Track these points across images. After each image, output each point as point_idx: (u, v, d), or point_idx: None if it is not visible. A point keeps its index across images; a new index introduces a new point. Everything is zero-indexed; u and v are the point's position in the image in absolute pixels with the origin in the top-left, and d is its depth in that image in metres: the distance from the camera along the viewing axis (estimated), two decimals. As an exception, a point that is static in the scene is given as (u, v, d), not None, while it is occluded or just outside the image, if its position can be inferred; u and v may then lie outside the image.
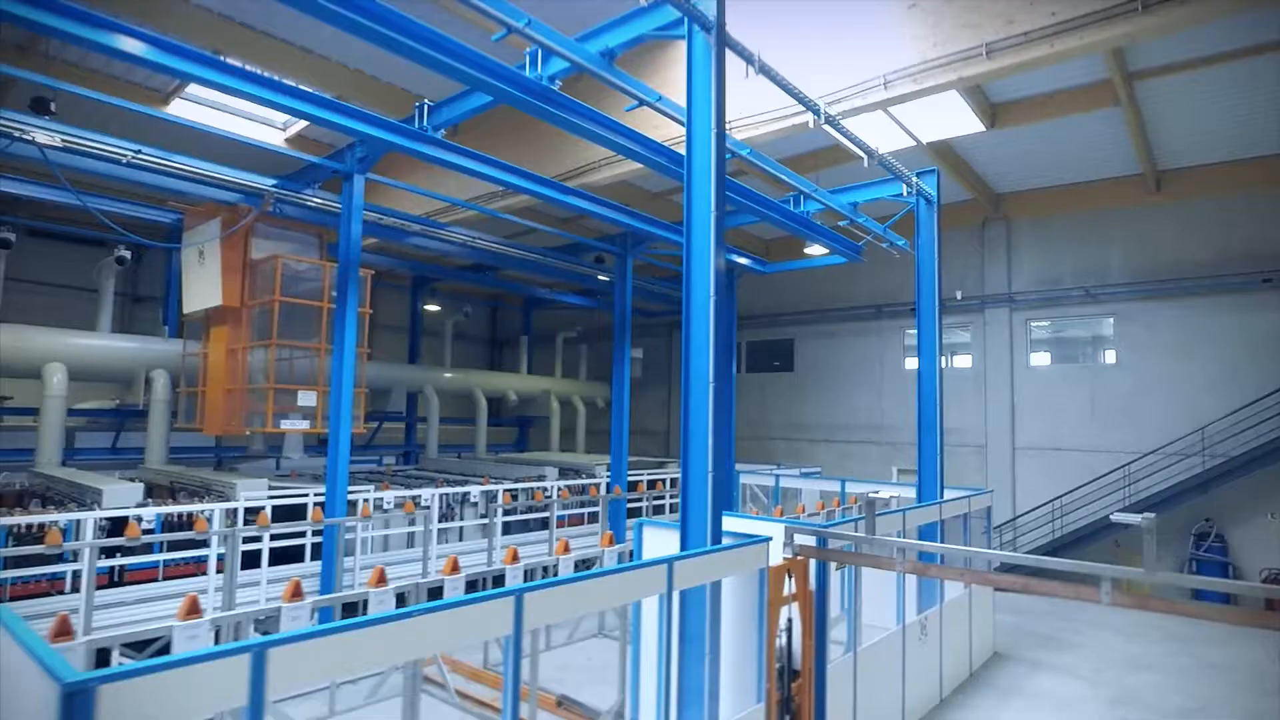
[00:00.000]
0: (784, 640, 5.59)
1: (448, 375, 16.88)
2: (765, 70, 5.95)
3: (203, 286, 10.13)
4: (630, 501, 12.74)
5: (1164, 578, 4.23)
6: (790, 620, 5.54)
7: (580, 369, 21.38)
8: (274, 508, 8.84)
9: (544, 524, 12.63)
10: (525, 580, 6.77)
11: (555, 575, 6.93)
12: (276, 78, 7.77)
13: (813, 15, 7.46)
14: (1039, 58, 6.18)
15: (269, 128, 12.55)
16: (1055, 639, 10.74)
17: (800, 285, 18.07)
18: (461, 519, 11.14)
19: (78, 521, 7.35)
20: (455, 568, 5.32)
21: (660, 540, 6.01)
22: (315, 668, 2.76)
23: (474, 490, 11.46)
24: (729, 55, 5.53)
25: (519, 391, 18.05)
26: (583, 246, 13.53)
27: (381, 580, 5.56)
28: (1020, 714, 7.86)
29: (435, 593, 5.76)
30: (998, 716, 7.78)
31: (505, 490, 11.14)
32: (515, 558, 7.23)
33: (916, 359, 16.87)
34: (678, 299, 17.39)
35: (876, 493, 5.83)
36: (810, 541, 5.87)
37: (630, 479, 13.34)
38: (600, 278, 15.46)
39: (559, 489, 11.68)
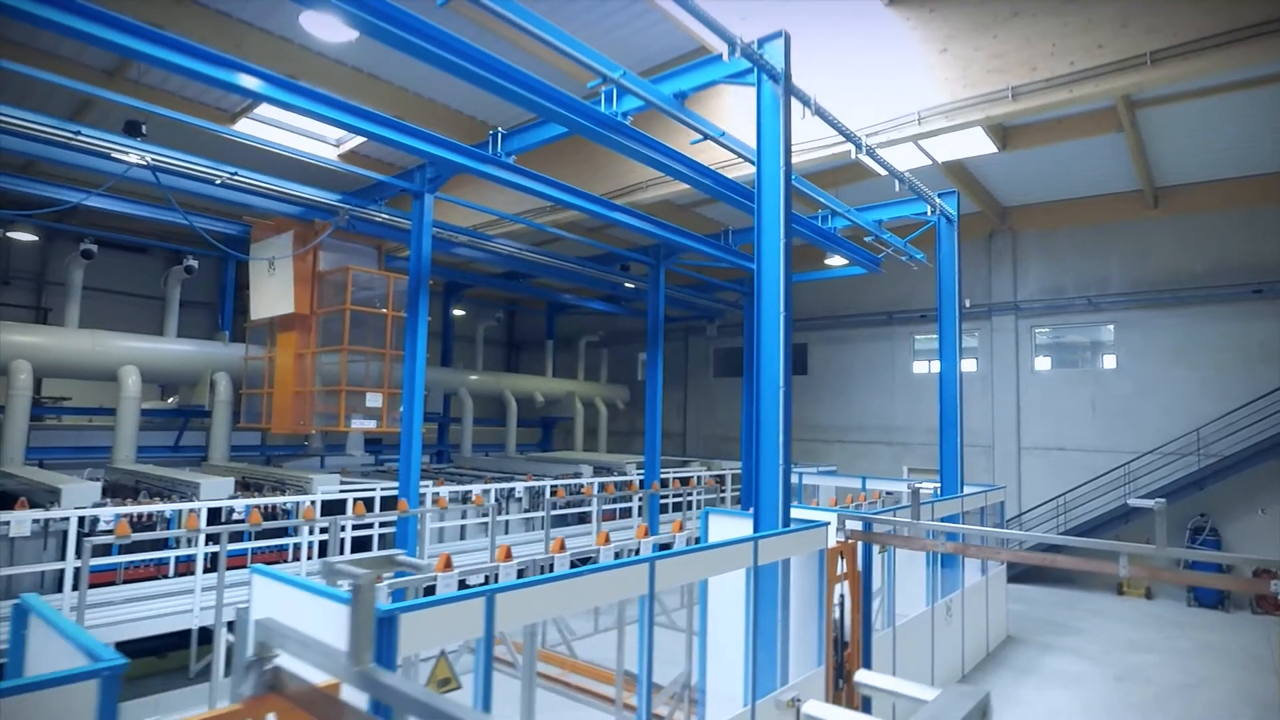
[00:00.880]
0: (837, 614, 6.41)
1: (480, 378, 17.64)
2: (820, 112, 6.75)
3: (273, 295, 10.86)
4: (660, 497, 13.54)
5: (1172, 552, 5.03)
6: (842, 597, 6.30)
7: (601, 372, 22.17)
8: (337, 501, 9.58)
9: (581, 518, 13.45)
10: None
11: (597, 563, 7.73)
12: (352, 101, 8.54)
13: (856, 54, 8.27)
14: (1059, 101, 7.00)
15: (323, 144, 13.28)
16: (1062, 625, 11.57)
17: (814, 292, 18.88)
18: (508, 513, 11.88)
19: (180, 511, 8.11)
20: (562, 547, 6.09)
21: (725, 526, 6.81)
22: (523, 611, 3.54)
23: (519, 486, 12.22)
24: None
25: (545, 393, 18.82)
26: (615, 256, 14.30)
27: (448, 565, 6.29)
28: (1036, 689, 8.67)
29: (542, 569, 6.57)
30: (1017, 691, 8.58)
31: (560, 486, 11.90)
32: (562, 547, 7.99)
33: (925, 363, 17.72)
34: (695, 305, 18.26)
35: (921, 485, 6.61)
36: (858, 527, 6.69)
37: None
38: (627, 285, 16.25)
39: (604, 485, 12.46)
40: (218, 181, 8.93)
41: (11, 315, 15.80)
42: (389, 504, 9.89)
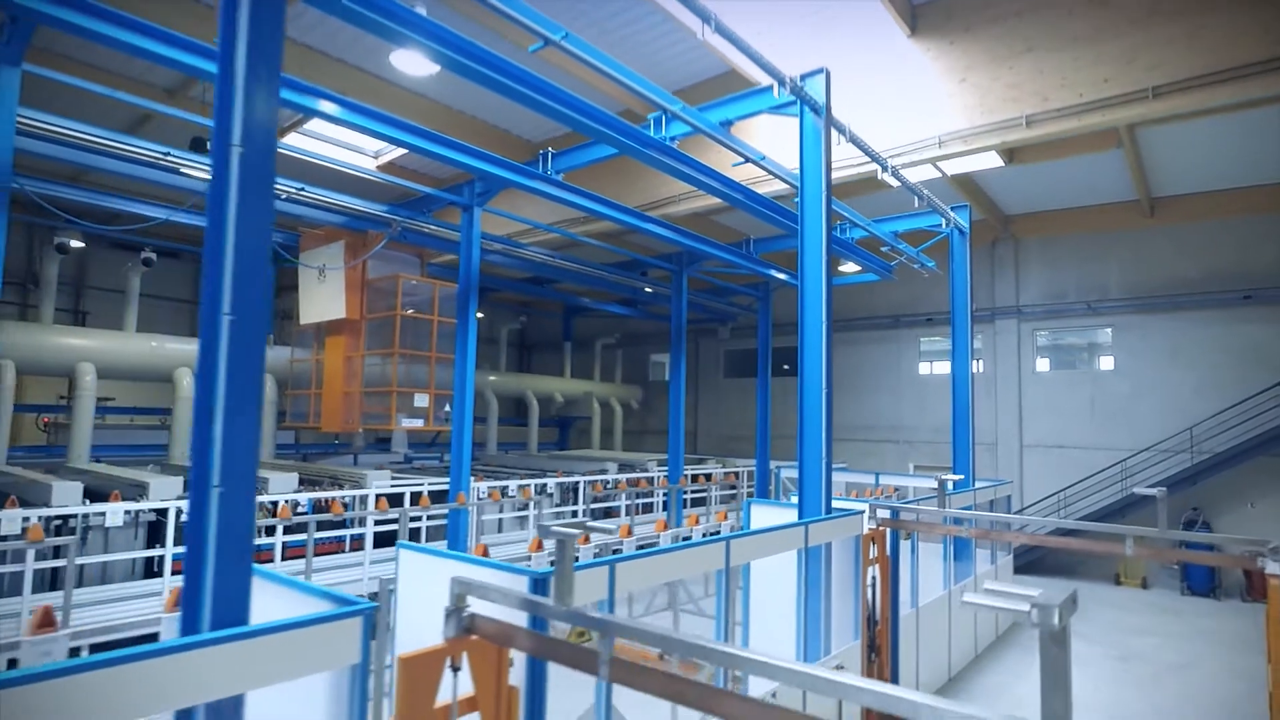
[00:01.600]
0: (870, 595, 7.09)
1: (503, 379, 18.29)
2: (854, 139, 7.44)
3: (323, 301, 11.48)
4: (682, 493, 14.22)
5: (1174, 534, 5.73)
6: (874, 579, 6.97)
7: (615, 372, 22.85)
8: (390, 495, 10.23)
9: (608, 512, 14.13)
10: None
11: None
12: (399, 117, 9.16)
13: (881, 80, 8.97)
14: (1068, 129, 7.71)
15: (362, 155, 13.91)
16: (1065, 611, 12.28)
17: (823, 296, 19.58)
18: (541, 508, 12.53)
19: (275, 502, 8.76)
20: (630, 532, 6.76)
21: (768, 515, 7.47)
22: (636, 576, 4.22)
23: (550, 482, 12.88)
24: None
25: (564, 394, 19.49)
26: (638, 262, 14.97)
27: (484, 553, 6.98)
28: (1044, 666, 9.38)
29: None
30: (1027, 669, 9.30)
31: (596, 481, 12.57)
32: (630, 532, 8.72)
33: (929, 365, 18.41)
34: (708, 308, 18.91)
35: (946, 478, 7.31)
36: (887, 515, 7.38)
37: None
38: (646, 290, 16.93)
39: (636, 480, 13.18)
40: (283, 196, 9.55)
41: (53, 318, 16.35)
42: (436, 497, 10.57)
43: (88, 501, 7.85)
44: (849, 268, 14.73)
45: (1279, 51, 6.64)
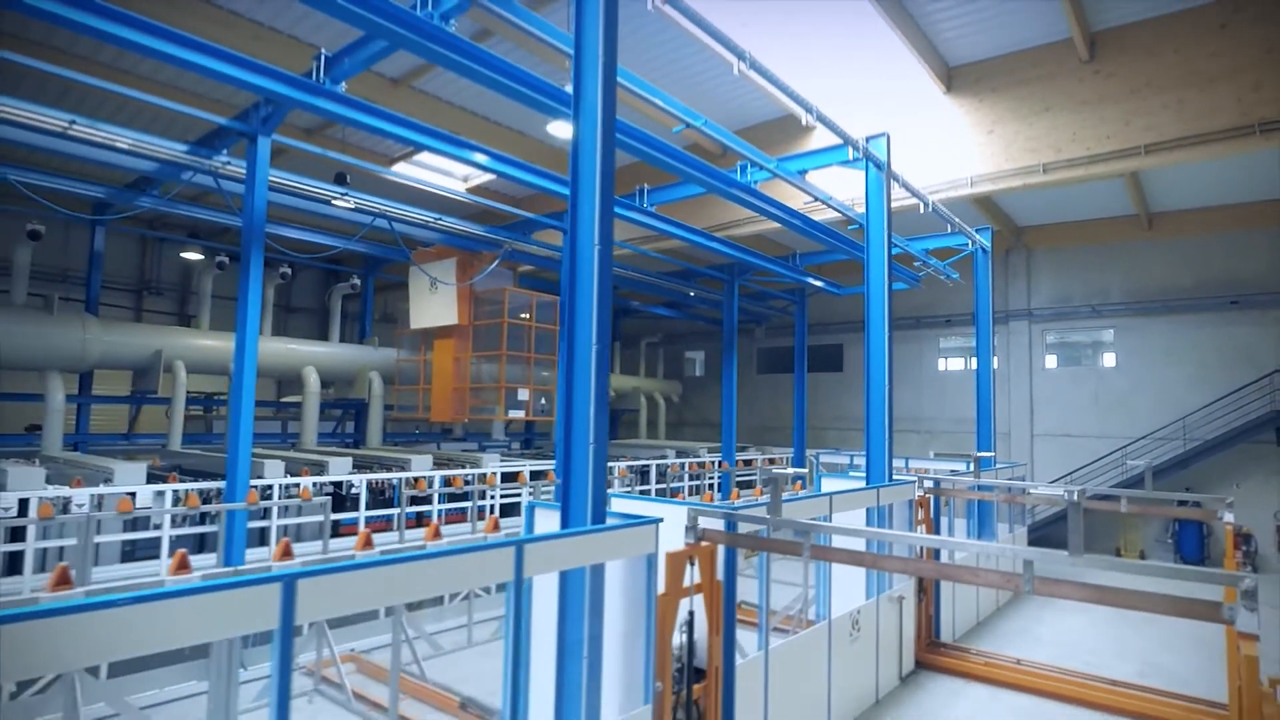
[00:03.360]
0: (919, 549, 8.57)
1: (559, 374, 20.20)
2: (906, 185, 9.31)
3: (436, 309, 13.38)
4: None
5: (1157, 494, 7.59)
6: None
7: (658, 369, 24.79)
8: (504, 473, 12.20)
9: (661, 492, 16.04)
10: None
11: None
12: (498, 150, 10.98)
13: (922, 128, 10.83)
14: (1077, 176, 9.56)
15: (451, 179, 15.79)
16: (1069, 576, 14.20)
17: (849, 299, 21.48)
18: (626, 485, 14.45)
19: (400, 480, 10.69)
20: (713, 498, 8.65)
21: (835, 484, 9.38)
22: (801, 512, 6.10)
23: (618, 466, 14.80)
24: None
25: (615, 389, 21.41)
26: (693, 273, 16.85)
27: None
28: (1057, 614, 11.30)
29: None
30: (1041, 615, 11.21)
31: (675, 463, 14.51)
32: (713, 498, 10.60)
33: (944, 361, 20.23)
34: (746, 310, 20.73)
35: (983, 454, 9.19)
36: (931, 484, 9.27)
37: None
38: (690, 294, 18.81)
39: (720, 463, 15.19)
40: (423, 224, 11.45)
41: (161, 320, 18.32)
42: (536, 476, 12.52)
43: (288, 475, 9.79)
44: (880, 276, 16.58)
45: (1246, 121, 8.49)
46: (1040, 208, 17.20)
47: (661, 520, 4.89)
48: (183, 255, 16.91)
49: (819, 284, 17.05)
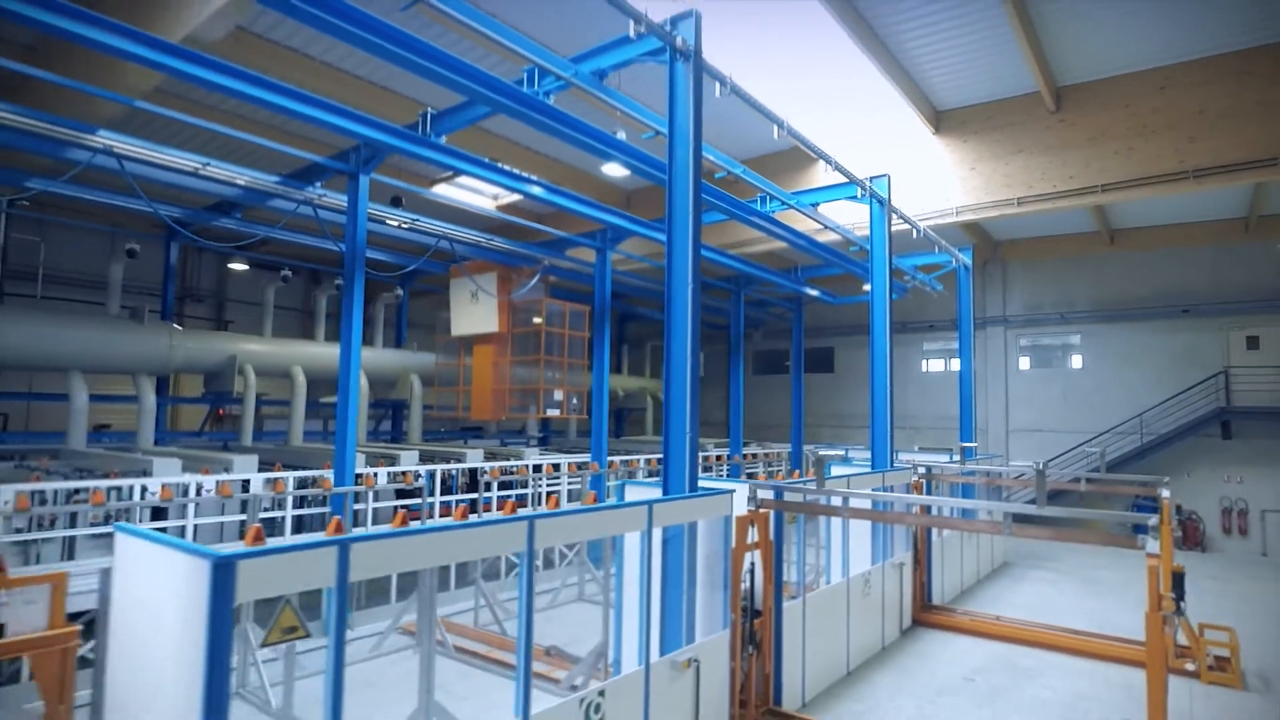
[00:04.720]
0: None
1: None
2: (904, 217, 10.96)
3: (477, 318, 14.79)
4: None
5: (1111, 477, 9.29)
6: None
7: (661, 370, 26.40)
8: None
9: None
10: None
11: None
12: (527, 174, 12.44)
13: (912, 165, 12.51)
14: (1046, 208, 11.28)
15: (481, 196, 17.19)
16: (1041, 555, 16.00)
17: (841, 306, 23.19)
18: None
19: (441, 472, 12.14)
20: (783, 477, 10.24)
21: (845, 470, 10.99)
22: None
23: (639, 459, 16.33)
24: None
25: (624, 389, 22.94)
26: (705, 285, 18.42)
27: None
28: (1029, 585, 13.04)
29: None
30: (1015, 586, 12.94)
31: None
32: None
33: (926, 363, 21.95)
34: (746, 316, 22.28)
35: (967, 445, 10.85)
36: (924, 471, 10.93)
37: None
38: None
39: (719, 458, 16.75)
40: (474, 244, 12.89)
41: (200, 326, 19.51)
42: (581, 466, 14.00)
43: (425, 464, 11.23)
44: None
45: (1183, 168, 10.23)
46: (1016, 225, 19.00)
47: (734, 491, 6.43)
48: (229, 266, 18.13)
49: (815, 294, 18.72)
